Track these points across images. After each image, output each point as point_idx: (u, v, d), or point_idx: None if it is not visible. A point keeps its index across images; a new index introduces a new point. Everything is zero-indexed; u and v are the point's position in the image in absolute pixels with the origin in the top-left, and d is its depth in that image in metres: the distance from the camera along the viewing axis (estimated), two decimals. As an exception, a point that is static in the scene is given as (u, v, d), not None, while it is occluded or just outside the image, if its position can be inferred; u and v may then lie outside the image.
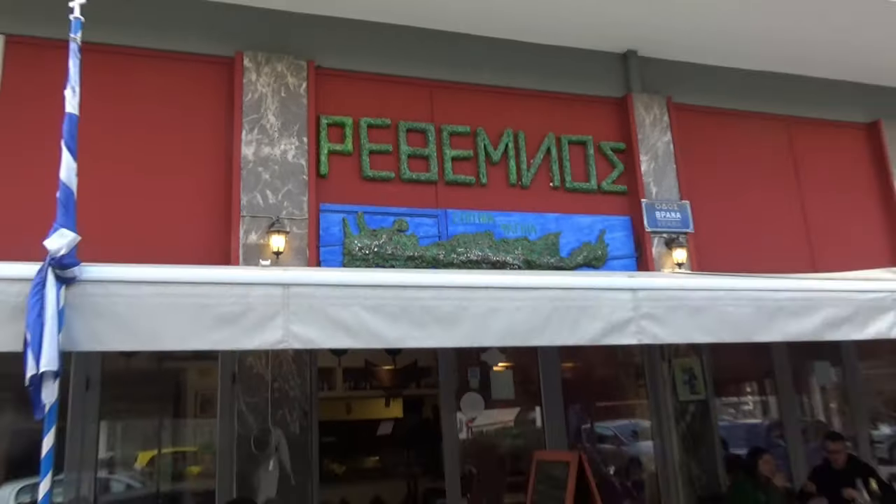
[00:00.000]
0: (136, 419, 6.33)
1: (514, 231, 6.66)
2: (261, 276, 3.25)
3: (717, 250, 7.20)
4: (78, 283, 2.96)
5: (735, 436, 8.36)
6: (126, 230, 5.55)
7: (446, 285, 3.48)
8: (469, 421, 7.22)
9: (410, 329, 3.35)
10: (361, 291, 3.34)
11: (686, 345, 6.60)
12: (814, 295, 4.11)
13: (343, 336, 3.26)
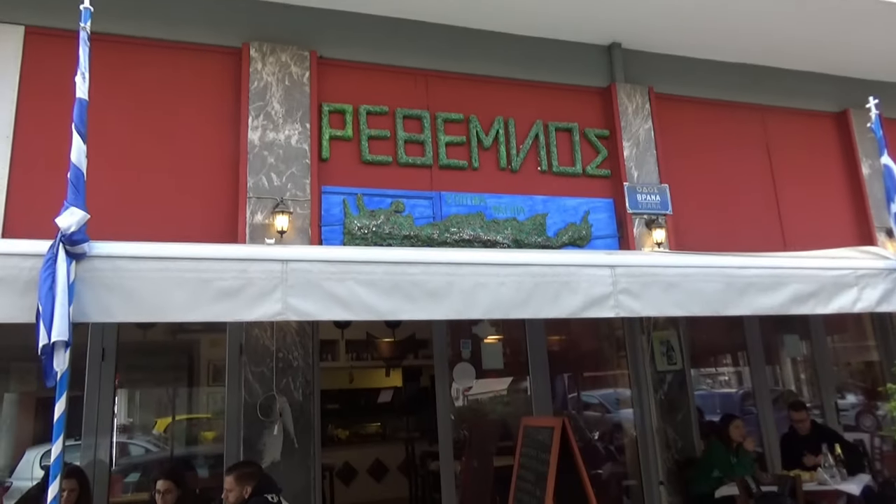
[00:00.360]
0: (151, 388, 6.36)
1: (504, 212, 6.62)
2: (260, 253, 3.24)
3: (694, 231, 7.16)
4: (88, 258, 2.95)
5: (711, 404, 8.41)
6: (140, 211, 5.52)
7: (435, 261, 3.46)
8: (465, 390, 7.25)
9: (402, 302, 3.34)
10: (356, 267, 3.33)
11: (664, 318, 6.60)
12: (782, 272, 4.10)
13: (338, 309, 3.25)
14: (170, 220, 5.56)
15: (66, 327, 2.72)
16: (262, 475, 4.49)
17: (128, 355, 5.67)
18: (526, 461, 5.73)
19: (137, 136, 5.71)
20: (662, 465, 6.43)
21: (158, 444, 6.91)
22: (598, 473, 7.09)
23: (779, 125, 8.01)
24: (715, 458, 6.01)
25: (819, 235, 7.38)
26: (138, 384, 7.22)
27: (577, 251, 6.47)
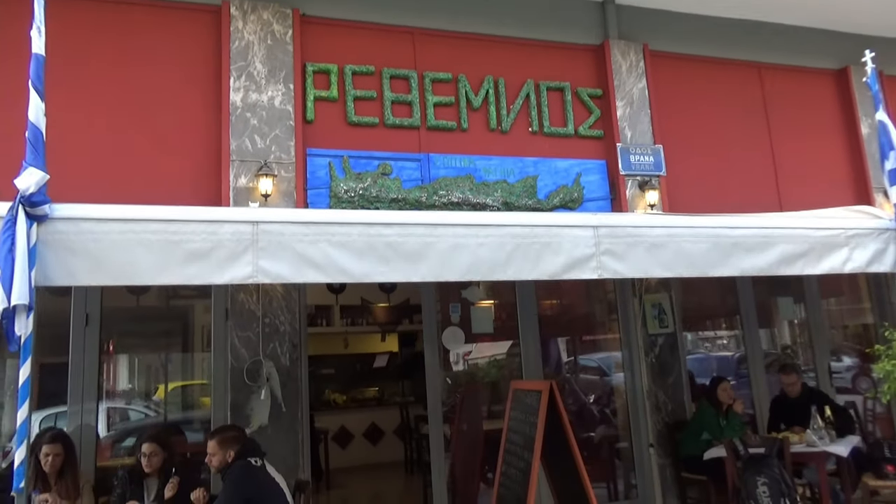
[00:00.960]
0: (145, 353, 6.36)
1: (494, 174, 6.50)
2: (230, 214, 3.15)
3: (688, 192, 7.04)
4: (50, 220, 2.87)
5: (707, 367, 8.38)
6: (120, 175, 5.41)
7: (411, 223, 3.37)
8: (465, 354, 7.23)
9: (376, 264, 3.27)
10: (329, 228, 3.25)
11: (656, 281, 6.53)
12: (770, 232, 4.01)
13: (311, 271, 3.18)
14: (151, 184, 5.46)
15: (26, 291, 2.66)
16: (245, 439, 4.47)
17: (121, 322, 5.63)
18: (514, 424, 5.72)
19: (116, 99, 5.57)
20: (653, 427, 6.42)
21: (158, 409, 6.92)
22: (591, 436, 7.12)
23: (777, 83, 7.83)
24: (704, 420, 6.01)
25: (816, 196, 7.26)
26: (134, 349, 7.24)
27: (561, 212, 6.37)
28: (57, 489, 4.53)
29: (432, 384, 6.07)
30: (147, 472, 4.67)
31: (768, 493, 4.90)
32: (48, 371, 7.04)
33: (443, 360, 6.34)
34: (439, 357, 6.21)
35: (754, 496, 4.95)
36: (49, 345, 6.50)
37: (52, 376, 6.99)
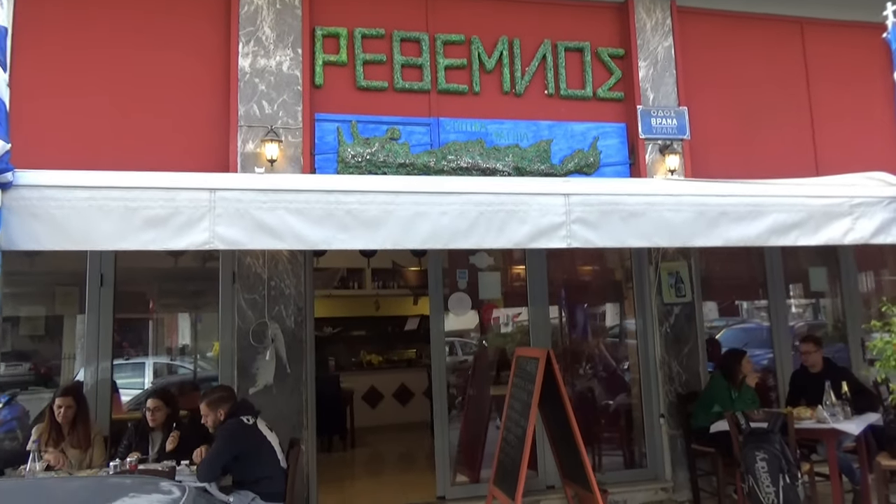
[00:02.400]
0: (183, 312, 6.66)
1: (506, 139, 6.38)
2: (188, 182, 3.22)
3: (713, 157, 6.74)
4: (14, 187, 3.00)
5: (739, 338, 8.09)
6: (127, 141, 5.58)
7: (371, 190, 3.36)
8: (515, 316, 7.17)
9: (335, 231, 3.29)
10: (287, 196, 3.28)
11: (674, 249, 6.33)
12: (761, 200, 3.81)
13: (267, 238, 3.23)
14: (159, 150, 5.61)
15: (-13, 255, 2.81)
16: (236, 399, 4.64)
17: (162, 282, 5.87)
18: (515, 391, 5.72)
19: (124, 66, 5.71)
20: (664, 398, 6.31)
21: (208, 366, 7.23)
22: (608, 404, 7.05)
23: (819, 41, 7.31)
24: (716, 392, 5.85)
25: (859, 163, 6.73)
26: (172, 308, 7.59)
27: (576, 178, 6.21)
28: (69, 439, 4.84)
29: (437, 350, 6.11)
30: (152, 426, 4.93)
31: (767, 468, 4.75)
32: (120, 325, 7.51)
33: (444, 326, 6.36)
34: (443, 323, 6.22)
35: (753, 471, 4.81)
36: (124, 301, 6.93)
37: (123, 331, 7.47)
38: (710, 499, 5.90)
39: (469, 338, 7.99)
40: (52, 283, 6.98)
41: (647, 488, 6.20)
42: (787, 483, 4.71)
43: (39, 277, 6.95)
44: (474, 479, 6.19)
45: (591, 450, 6.72)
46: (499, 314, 6.98)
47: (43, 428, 4.87)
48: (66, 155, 5.32)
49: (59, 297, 6.98)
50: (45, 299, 7.09)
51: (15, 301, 7.09)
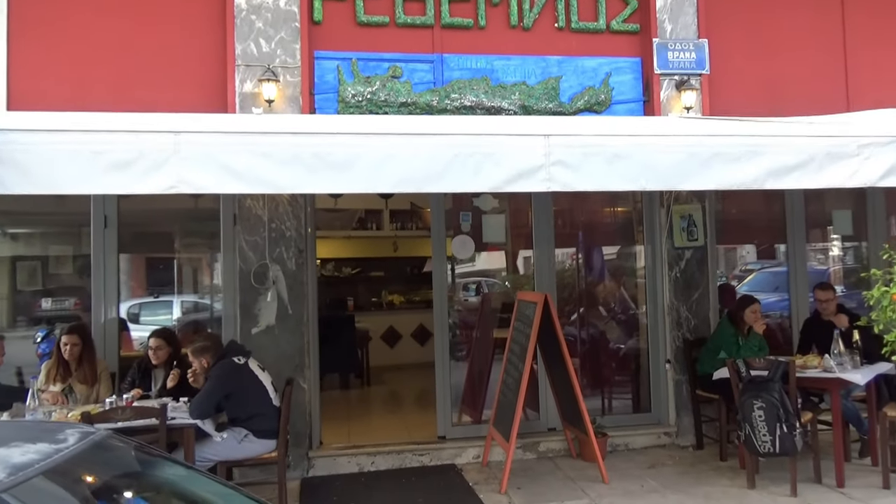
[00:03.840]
0: (150, 254, 6.76)
1: (513, 76, 6.15)
2: (152, 124, 3.17)
3: (734, 93, 6.38)
4: (-21, 131, 2.99)
5: (769, 282, 7.88)
6: (124, 81, 5.55)
7: (339, 132, 3.28)
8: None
9: (302, 174, 3.22)
10: (253, 138, 3.22)
11: (687, 191, 6.10)
12: (758, 141, 3.60)
13: (233, 181, 3.19)
14: (156, 90, 5.57)
15: (-48, 199, 2.84)
16: (221, 345, 4.73)
17: (129, 223, 5.95)
18: (516, 334, 5.71)
19: (118, 6, 5.63)
20: (671, 343, 6.21)
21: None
22: (618, 348, 6.98)
23: (858, -38, 6.76)
24: (722, 339, 5.72)
25: (893, 95, 6.38)
26: (194, 249, 7.72)
27: (586, 115, 5.98)
28: (77, 375, 5.03)
29: (439, 292, 6.09)
30: (154, 364, 5.08)
31: (764, 417, 4.66)
32: (151, 264, 7.71)
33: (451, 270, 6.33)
34: (446, 265, 6.18)
35: (749, 419, 4.73)
36: (153, 241, 7.09)
37: (153, 269, 7.68)
38: (713, 445, 5.86)
39: (498, 278, 7.93)
40: (80, 223, 7.13)
41: (650, 433, 6.18)
42: (784, 432, 4.62)
43: (70, 217, 7.09)
44: (477, 420, 6.26)
45: (597, 393, 6.72)
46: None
47: (51, 364, 5.06)
48: (61, 96, 5.34)
49: (85, 238, 7.16)
50: (73, 239, 7.27)
51: (45, 240, 7.32)
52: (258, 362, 4.76)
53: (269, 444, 4.59)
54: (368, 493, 5.13)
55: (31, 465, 1.35)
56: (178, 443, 4.37)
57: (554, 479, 5.33)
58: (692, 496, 4.84)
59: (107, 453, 1.60)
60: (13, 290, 6.86)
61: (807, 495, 4.72)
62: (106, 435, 1.70)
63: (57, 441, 1.47)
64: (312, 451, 5.69)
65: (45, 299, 6.93)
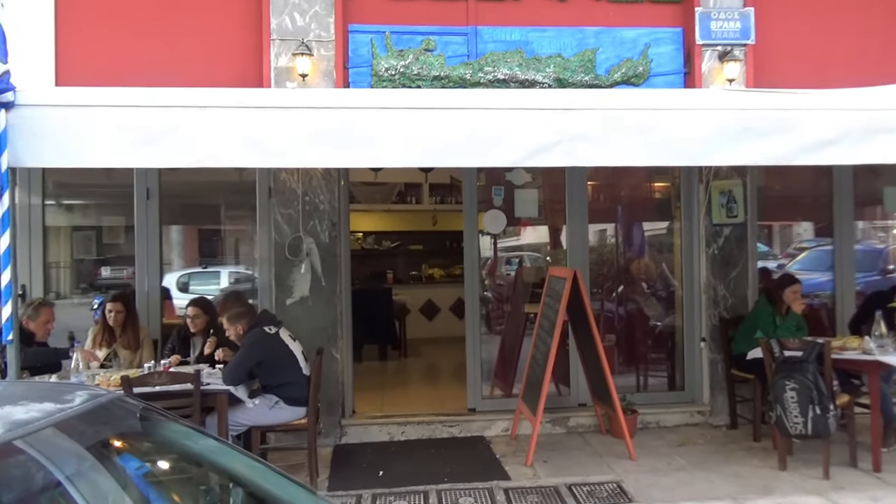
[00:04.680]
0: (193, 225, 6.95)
1: (548, 48, 6.05)
2: (180, 99, 3.26)
3: (781, 64, 6.13)
4: (17, 107, 3.14)
5: (821, 260, 7.63)
6: (162, 55, 5.70)
7: (359, 106, 3.29)
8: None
9: (325, 148, 3.26)
10: (275, 113, 3.27)
11: (727, 167, 5.93)
12: (790, 115, 3.45)
13: (258, 155, 3.30)
14: (193, 65, 5.71)
15: (-10, 171, 3.00)
16: (255, 313, 4.87)
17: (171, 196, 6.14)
18: (546, 310, 5.71)
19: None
20: (707, 321, 6.10)
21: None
22: (654, 325, 6.90)
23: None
24: (759, 318, 5.59)
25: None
26: (238, 221, 7.94)
27: (622, 88, 5.85)
28: (121, 340, 5.27)
29: (470, 266, 6.12)
30: (193, 332, 5.27)
31: (796, 398, 4.56)
32: (199, 236, 7.99)
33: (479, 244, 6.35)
34: (477, 240, 6.19)
35: (781, 400, 4.63)
36: (195, 213, 7.34)
37: (201, 240, 7.97)
38: (747, 426, 5.76)
39: (543, 253, 7.90)
40: (129, 195, 7.40)
41: (683, 411, 6.12)
42: (816, 414, 4.51)
43: (119, 189, 7.36)
44: (508, 394, 6.30)
45: (632, 370, 6.67)
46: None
47: (97, 330, 5.32)
48: (104, 72, 5.52)
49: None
50: (125, 209, 7.56)
51: (99, 211, 7.65)
52: (289, 332, 4.89)
53: (299, 411, 4.73)
54: (397, 461, 5.25)
55: (32, 422, 1.45)
56: (213, 407, 4.55)
57: (581, 454, 5.35)
58: (720, 475, 4.79)
59: (111, 414, 1.71)
60: (72, 259, 7.18)
61: (839, 478, 4.62)
62: (114, 397, 1.80)
63: (63, 401, 1.58)
64: (345, 419, 5.84)
65: (104, 268, 7.25)
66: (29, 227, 5.83)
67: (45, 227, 6.12)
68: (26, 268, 5.79)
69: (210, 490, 1.92)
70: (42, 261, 5.94)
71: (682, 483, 4.66)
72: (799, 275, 6.53)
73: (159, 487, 1.76)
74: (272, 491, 1.98)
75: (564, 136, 3.31)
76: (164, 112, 3.20)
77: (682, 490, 4.52)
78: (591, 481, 4.71)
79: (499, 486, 4.65)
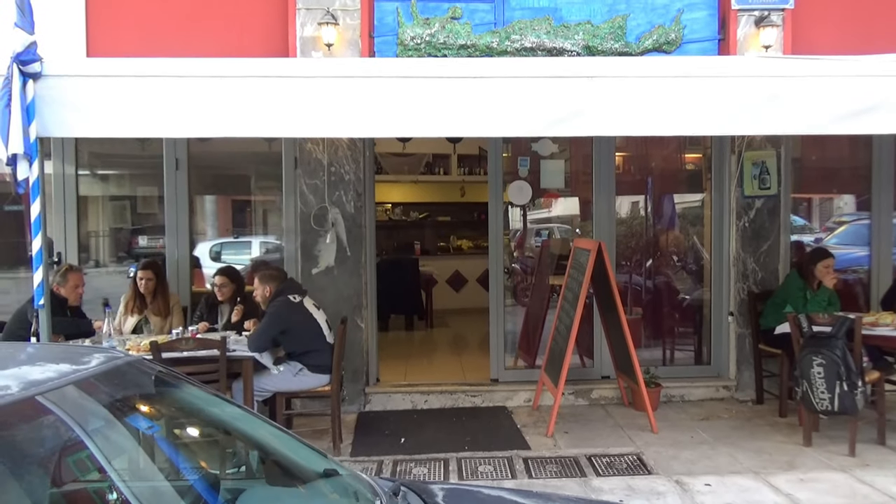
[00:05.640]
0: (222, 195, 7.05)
1: (577, 14, 5.93)
2: (203, 70, 3.30)
3: (822, 30, 5.90)
4: (44, 77, 3.22)
5: (859, 235, 7.44)
6: (193, 27, 5.74)
7: (374, 76, 3.29)
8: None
9: (336, 119, 3.27)
10: (289, 83, 3.29)
11: (761, 136, 5.79)
12: (821, 81, 3.34)
13: (278, 126, 3.28)
14: (220, 35, 5.74)
15: (20, 141, 3.08)
16: (285, 279, 4.95)
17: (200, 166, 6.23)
18: (570, 282, 5.70)
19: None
20: (735, 295, 6.02)
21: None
22: (682, 298, 6.83)
23: None
24: (789, 292, 5.50)
25: None
26: (267, 192, 8.05)
27: (654, 56, 5.72)
28: (151, 307, 5.42)
29: (494, 237, 6.11)
30: (220, 300, 5.40)
31: (823, 374, 4.49)
32: (231, 206, 8.14)
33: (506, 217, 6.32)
34: (502, 211, 6.17)
35: (808, 376, 4.57)
36: (224, 184, 7.47)
37: (233, 211, 8.12)
38: (773, 401, 5.71)
39: (574, 224, 7.87)
40: (160, 165, 7.54)
41: (708, 385, 6.08)
42: (843, 390, 4.45)
43: (151, 160, 7.50)
44: (531, 365, 6.33)
45: (659, 343, 6.64)
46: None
47: (129, 297, 5.48)
48: (133, 43, 5.60)
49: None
50: (157, 180, 7.72)
51: (133, 181, 7.80)
52: (314, 301, 4.97)
53: (322, 378, 4.82)
54: (419, 429, 5.34)
55: (48, 381, 1.53)
56: (239, 374, 4.68)
57: (603, 426, 5.37)
58: (743, 450, 4.76)
59: (127, 376, 1.78)
60: (109, 228, 7.36)
61: (866, 456, 4.56)
62: (132, 360, 1.88)
63: (80, 362, 1.65)
64: (369, 387, 5.95)
65: (140, 237, 7.43)
66: (64, 197, 6.00)
67: (80, 196, 6.26)
68: (61, 236, 5.97)
69: (223, 450, 1.99)
70: (76, 230, 6.08)
71: (704, 456, 4.65)
72: (835, 249, 6.40)
73: (172, 447, 1.83)
74: (283, 451, 2.04)
75: (588, 105, 3.27)
76: (190, 82, 3.24)
77: (703, 463, 4.52)
78: (611, 453, 4.73)
79: (518, 456, 4.70)
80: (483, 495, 2.19)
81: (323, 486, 1.98)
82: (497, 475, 4.40)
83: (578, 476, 4.33)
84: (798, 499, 3.94)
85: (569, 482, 4.24)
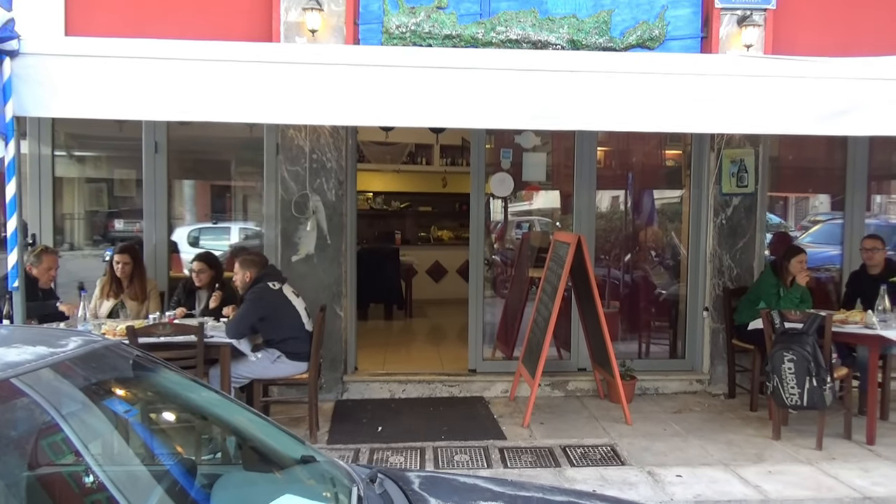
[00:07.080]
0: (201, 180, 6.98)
1: (563, 8, 5.94)
2: (179, 52, 3.26)
3: (804, 31, 5.96)
4: (21, 55, 3.16)
5: (833, 234, 7.58)
6: (174, 9, 5.66)
7: (354, 63, 3.28)
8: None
9: (309, 106, 3.26)
10: (262, 68, 3.26)
11: (740, 135, 5.86)
12: (798, 82, 3.39)
13: (258, 111, 3.25)
14: (202, 19, 5.67)
15: (-3, 120, 3.03)
16: (266, 265, 4.92)
17: (178, 150, 6.16)
18: (549, 274, 5.73)
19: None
20: (711, 291, 6.11)
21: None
22: (658, 293, 6.91)
23: None
24: (763, 289, 5.59)
25: None
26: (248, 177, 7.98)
27: (637, 52, 5.76)
28: (128, 291, 5.36)
29: (475, 228, 6.12)
30: (198, 286, 5.36)
31: (793, 369, 4.58)
32: (215, 192, 8.04)
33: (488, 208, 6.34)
34: (483, 202, 6.18)
35: (779, 371, 4.66)
36: (204, 168, 7.37)
37: (212, 196, 8.01)
38: (744, 395, 5.82)
39: (555, 218, 7.92)
40: (139, 148, 7.43)
41: (682, 378, 6.18)
42: (813, 386, 4.54)
43: (129, 142, 7.39)
44: (509, 356, 6.37)
45: (635, 337, 6.72)
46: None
47: (105, 281, 5.41)
48: (113, 24, 5.51)
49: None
50: (135, 162, 7.61)
51: (110, 164, 7.67)
52: (293, 289, 4.96)
53: (300, 365, 4.82)
54: (396, 417, 5.36)
55: (25, 364, 1.51)
56: (217, 360, 4.65)
57: (578, 418, 5.43)
58: (714, 442, 4.85)
59: (104, 360, 1.77)
60: (84, 211, 7.24)
61: (832, 449, 4.67)
62: (109, 343, 1.86)
63: (57, 345, 1.64)
64: (347, 375, 5.95)
65: (117, 220, 7.32)
66: (39, 178, 5.90)
67: (56, 177, 6.16)
68: (36, 218, 5.87)
69: (200, 436, 1.99)
70: (52, 211, 5.98)
71: (676, 448, 4.73)
72: (809, 248, 6.53)
73: (149, 432, 1.82)
74: (261, 437, 2.05)
75: (572, 100, 3.29)
76: (171, 64, 3.20)
77: (674, 455, 4.60)
78: (585, 444, 4.79)
79: (494, 445, 4.75)
80: (458, 483, 2.21)
81: (300, 472, 1.99)
82: (473, 464, 4.44)
83: (553, 466, 4.39)
84: (766, 490, 4.03)
85: (543, 472, 4.30)
